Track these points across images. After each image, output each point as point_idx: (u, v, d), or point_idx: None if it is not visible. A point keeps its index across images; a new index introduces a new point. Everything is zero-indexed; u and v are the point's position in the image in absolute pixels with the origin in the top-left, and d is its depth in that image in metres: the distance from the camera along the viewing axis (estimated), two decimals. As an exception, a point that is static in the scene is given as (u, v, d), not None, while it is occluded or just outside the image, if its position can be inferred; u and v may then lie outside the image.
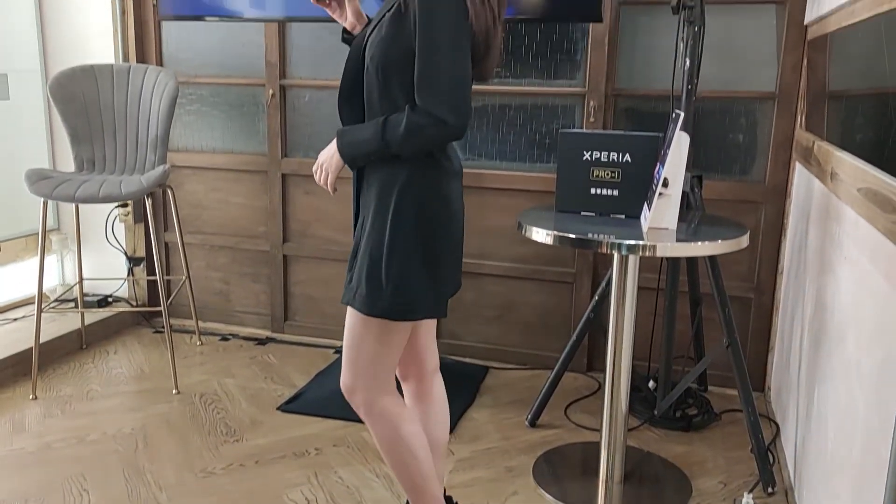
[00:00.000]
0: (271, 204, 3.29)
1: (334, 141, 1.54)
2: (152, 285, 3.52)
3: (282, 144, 3.22)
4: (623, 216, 2.16)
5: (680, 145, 1.92)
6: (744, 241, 1.92)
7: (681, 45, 2.28)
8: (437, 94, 1.39)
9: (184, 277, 3.13)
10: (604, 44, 2.74)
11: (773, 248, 2.72)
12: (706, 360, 2.49)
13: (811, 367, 1.96)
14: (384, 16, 1.46)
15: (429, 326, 1.74)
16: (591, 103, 2.80)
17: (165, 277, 3.32)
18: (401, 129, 1.41)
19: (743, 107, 2.69)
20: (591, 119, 2.80)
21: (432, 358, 1.78)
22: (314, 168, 1.59)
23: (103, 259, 3.48)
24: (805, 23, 2.49)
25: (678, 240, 1.87)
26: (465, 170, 2.88)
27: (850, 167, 1.63)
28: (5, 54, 3.27)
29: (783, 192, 2.66)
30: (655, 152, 2.15)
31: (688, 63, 2.24)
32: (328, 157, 1.56)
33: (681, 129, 1.92)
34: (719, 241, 1.87)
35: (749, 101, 2.68)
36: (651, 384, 2.68)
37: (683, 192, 2.05)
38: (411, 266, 1.48)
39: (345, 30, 1.67)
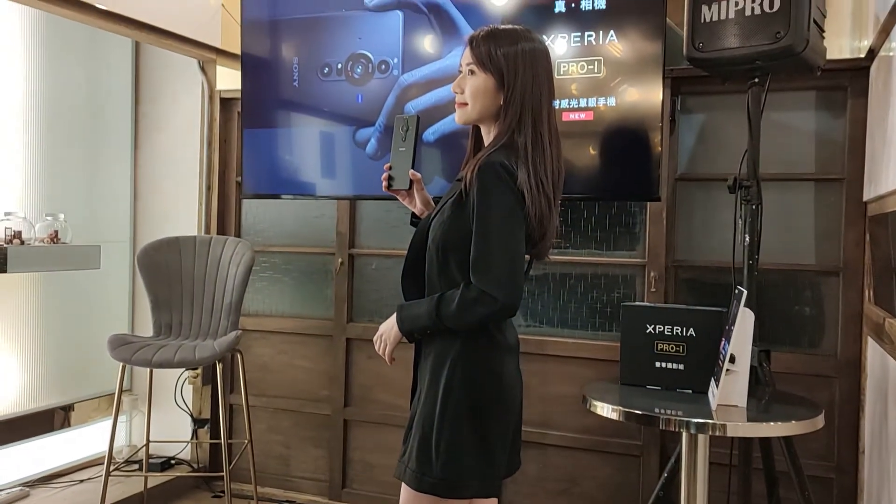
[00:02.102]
0: (335, 368, 3.35)
1: (395, 314, 1.61)
2: (214, 448, 3.54)
3: (348, 310, 3.32)
4: (690, 391, 2.13)
5: (744, 322, 1.92)
6: (818, 421, 1.86)
7: (739, 222, 2.33)
8: (490, 274, 1.47)
9: (246, 441, 3.15)
10: (662, 217, 2.82)
11: (851, 425, 2.60)
12: (787, 547, 2.32)
13: (905, 562, 1.82)
14: (447, 202, 1.58)
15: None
16: (652, 274, 2.84)
17: (228, 441, 3.35)
18: (454, 305, 1.48)
19: (807, 279, 2.68)
20: (653, 289, 2.83)
21: None
22: (374, 338, 1.66)
23: (169, 420, 3.54)
24: (864, 199, 2.52)
25: (749, 419, 1.82)
26: (527, 336, 2.92)
27: (926, 349, 1.59)
28: (100, 226, 3.55)
29: (857, 366, 2.58)
30: (720, 327, 2.14)
31: (747, 239, 2.28)
32: (388, 329, 1.63)
33: (744, 306, 1.93)
34: (793, 421, 1.81)
35: (813, 274, 2.68)
36: (728, 572, 2.49)
37: (752, 367, 2.02)
38: (461, 442, 1.48)
39: (413, 214, 1.79)
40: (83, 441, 3.49)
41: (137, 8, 3.04)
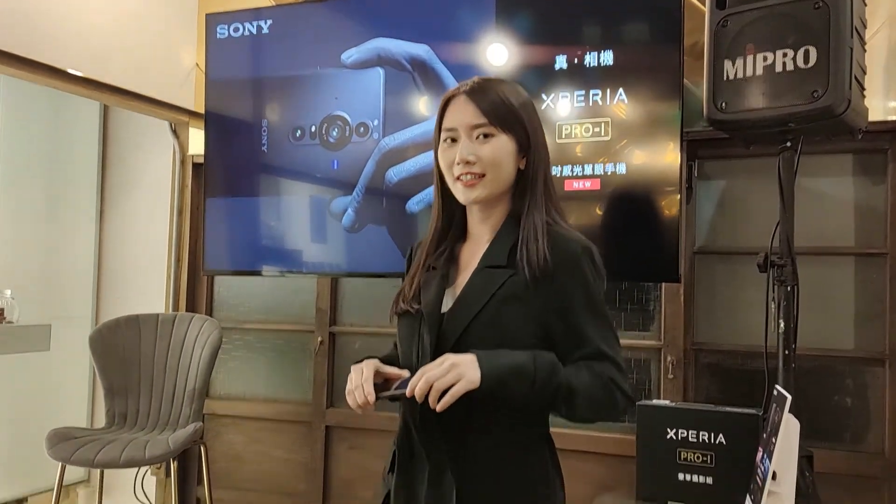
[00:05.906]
0: (312, 459, 3.00)
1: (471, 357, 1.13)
2: (179, 549, 3.16)
3: (327, 394, 2.99)
4: (722, 511, 1.80)
5: (789, 434, 1.59)
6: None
7: (772, 305, 2.02)
8: (621, 364, 1.22)
9: (211, 545, 2.78)
10: (679, 294, 2.51)
11: (905, 538, 2.24)
12: None
13: None
14: (498, 292, 1.20)
15: None
16: (669, 358, 2.51)
17: (192, 543, 2.98)
18: (591, 379, 1.19)
19: (848, 367, 2.36)
20: (670, 376, 2.50)
21: None
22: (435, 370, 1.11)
23: (130, 516, 3.18)
24: (912, 277, 2.22)
25: (800, 557, 1.48)
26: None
27: None
28: (59, 301, 3.25)
29: (910, 468, 2.24)
30: (754, 433, 1.83)
31: (782, 325, 1.96)
32: (464, 365, 1.10)
33: (788, 412, 1.61)
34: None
35: (855, 361, 2.35)
36: None
37: (794, 481, 1.69)
38: None
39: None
40: (31, 542, 3.13)
41: (108, 72, 2.79)
